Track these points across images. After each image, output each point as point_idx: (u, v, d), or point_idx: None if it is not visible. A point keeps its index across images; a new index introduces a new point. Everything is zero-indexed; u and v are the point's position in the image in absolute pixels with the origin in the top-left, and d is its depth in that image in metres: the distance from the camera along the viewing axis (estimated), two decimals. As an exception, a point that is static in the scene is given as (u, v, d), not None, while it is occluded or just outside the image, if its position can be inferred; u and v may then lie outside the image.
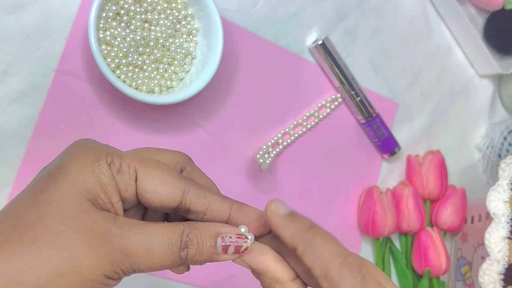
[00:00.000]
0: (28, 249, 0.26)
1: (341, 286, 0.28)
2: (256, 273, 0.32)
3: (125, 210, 0.31)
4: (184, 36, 0.54)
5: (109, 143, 0.54)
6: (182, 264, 0.30)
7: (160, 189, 0.30)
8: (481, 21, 0.70)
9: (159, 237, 0.29)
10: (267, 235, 0.33)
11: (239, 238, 0.31)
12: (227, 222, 0.32)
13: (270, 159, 0.58)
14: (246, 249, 0.31)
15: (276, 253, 0.32)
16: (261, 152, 0.58)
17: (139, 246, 0.28)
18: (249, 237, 0.32)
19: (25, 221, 0.27)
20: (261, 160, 0.57)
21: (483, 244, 0.55)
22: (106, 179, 0.29)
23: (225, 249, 0.30)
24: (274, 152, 0.58)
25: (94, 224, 0.28)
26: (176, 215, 0.33)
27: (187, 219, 0.32)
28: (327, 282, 0.29)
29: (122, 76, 0.51)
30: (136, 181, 0.30)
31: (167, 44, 0.53)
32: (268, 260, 0.31)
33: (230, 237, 0.30)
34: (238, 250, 0.31)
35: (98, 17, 0.48)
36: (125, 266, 0.28)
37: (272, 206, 0.31)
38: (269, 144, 0.58)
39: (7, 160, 0.50)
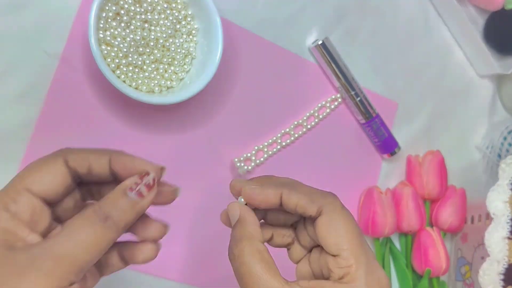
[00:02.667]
0: None
1: (327, 201, 0.35)
2: (235, 227, 0.36)
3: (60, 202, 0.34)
4: (184, 36, 0.54)
5: (109, 143, 0.54)
6: (124, 231, 0.32)
7: (51, 180, 0.33)
8: (481, 21, 0.70)
9: (79, 230, 0.30)
10: None
11: (142, 178, 0.33)
12: (111, 174, 0.34)
13: (250, 167, 0.58)
14: (154, 180, 0.33)
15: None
16: (241, 158, 0.58)
17: (69, 250, 0.30)
18: (241, 200, 0.37)
19: None
20: (240, 164, 0.57)
21: (483, 244, 0.55)
22: (5, 223, 0.30)
23: (140, 194, 0.32)
24: (258, 161, 0.59)
25: (10, 262, 0.29)
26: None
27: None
28: (314, 205, 0.35)
29: (122, 76, 0.51)
30: (33, 195, 0.32)
31: (167, 44, 0.53)
32: (249, 213, 0.36)
33: (135, 183, 0.32)
34: (150, 187, 0.33)
35: (98, 17, 0.48)
36: (69, 271, 0.30)
37: (228, 211, 0.37)
38: (253, 152, 0.58)
39: (7, 160, 0.50)
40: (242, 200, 0.37)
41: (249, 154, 0.59)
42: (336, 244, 0.34)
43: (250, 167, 0.59)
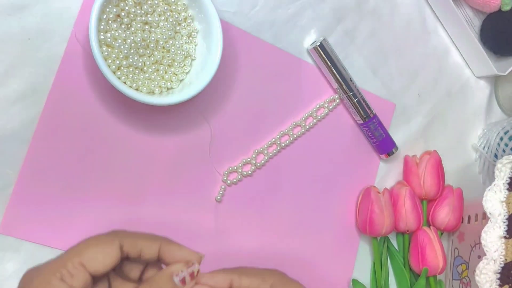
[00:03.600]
0: None
1: (276, 278, 0.39)
2: None
3: None
4: (184, 37, 0.54)
5: (109, 144, 0.55)
6: None
7: (105, 260, 0.36)
8: (477, 22, 0.71)
9: None
10: None
11: (188, 267, 0.37)
12: (158, 259, 0.39)
13: (250, 171, 0.59)
14: (198, 271, 0.38)
15: None
16: (240, 164, 0.58)
17: None
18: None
19: None
20: (225, 178, 0.58)
21: (479, 243, 0.56)
22: None
23: (183, 281, 0.37)
24: (258, 164, 0.59)
25: None
26: None
27: None
28: (266, 284, 0.39)
29: (123, 77, 0.51)
30: (87, 270, 0.36)
31: (167, 45, 0.53)
32: None
33: (182, 271, 0.37)
34: (193, 276, 0.38)
35: (99, 19, 0.48)
36: None
37: None
38: (240, 164, 0.58)
39: (8, 160, 0.50)
40: None
41: (248, 158, 0.59)
42: None
43: (250, 171, 0.59)
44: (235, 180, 0.58)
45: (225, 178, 0.58)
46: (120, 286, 0.38)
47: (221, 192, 0.57)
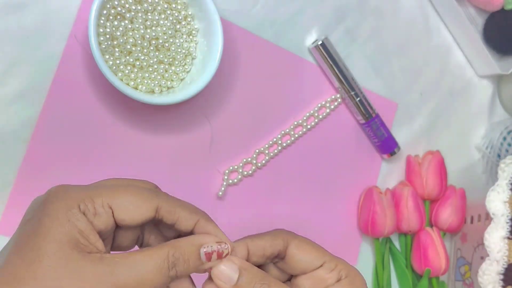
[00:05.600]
0: None
1: (284, 234, 0.38)
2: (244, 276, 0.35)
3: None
4: (184, 36, 0.54)
5: (109, 144, 0.55)
6: (172, 281, 0.33)
7: (136, 215, 0.34)
8: (480, 21, 0.70)
9: (147, 266, 0.32)
10: None
11: (219, 244, 0.35)
12: (192, 232, 0.36)
13: (250, 171, 0.59)
14: (227, 254, 0.35)
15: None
16: (241, 163, 0.58)
17: (129, 279, 0.31)
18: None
19: (22, 280, 0.29)
20: (225, 177, 0.58)
21: (482, 244, 0.56)
22: (82, 225, 0.31)
23: (209, 257, 0.34)
24: (259, 164, 0.59)
25: (84, 270, 0.30)
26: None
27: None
28: (280, 241, 0.37)
29: (121, 75, 0.51)
30: (113, 216, 0.33)
31: (167, 44, 0.53)
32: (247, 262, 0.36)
33: (211, 245, 0.34)
34: (220, 256, 0.35)
35: (99, 17, 0.48)
36: None
37: (219, 275, 0.35)
38: (240, 164, 0.58)
39: (7, 160, 0.50)
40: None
41: (249, 158, 0.59)
42: (317, 256, 0.37)
43: (251, 171, 0.59)
44: (235, 180, 0.58)
45: (226, 177, 0.57)
46: (153, 243, 0.36)
47: (221, 193, 0.57)
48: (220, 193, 0.57)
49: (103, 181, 0.36)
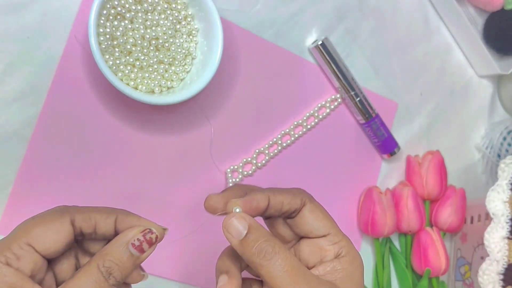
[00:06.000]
0: None
1: (303, 194, 0.39)
2: (250, 236, 0.35)
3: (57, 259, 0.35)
4: (184, 36, 0.54)
5: (109, 143, 0.55)
6: (117, 287, 0.34)
7: (55, 237, 0.33)
8: (480, 21, 0.70)
9: (84, 287, 0.32)
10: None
11: (145, 233, 0.35)
12: (115, 233, 0.36)
13: (250, 171, 0.59)
14: (157, 238, 0.35)
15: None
16: (240, 164, 0.58)
17: None
18: (238, 210, 0.36)
19: None
20: (229, 175, 0.58)
21: (482, 244, 0.56)
22: (11, 278, 0.31)
23: (140, 249, 0.34)
24: (259, 164, 0.59)
25: None
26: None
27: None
28: (297, 199, 0.38)
29: (121, 75, 0.51)
30: (36, 251, 0.33)
31: (167, 44, 0.53)
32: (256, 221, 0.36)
33: (138, 238, 0.34)
34: (151, 243, 0.35)
35: (98, 17, 0.48)
36: None
37: (229, 228, 0.35)
38: (240, 164, 0.58)
39: (7, 159, 0.50)
40: (238, 210, 0.36)
41: (249, 158, 0.59)
42: (324, 226, 0.38)
43: (251, 171, 0.59)
44: (236, 180, 0.58)
45: (229, 175, 0.57)
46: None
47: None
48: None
49: (16, 228, 0.35)
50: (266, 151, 0.60)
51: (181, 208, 0.56)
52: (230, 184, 0.58)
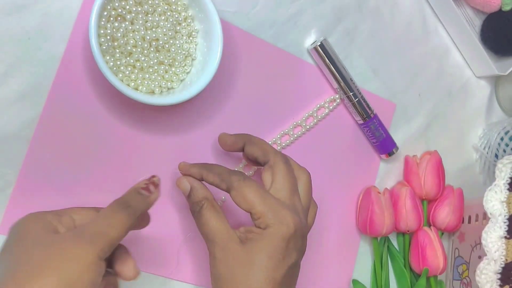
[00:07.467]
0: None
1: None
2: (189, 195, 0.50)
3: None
4: (184, 37, 0.54)
5: (109, 144, 0.55)
6: (136, 220, 0.41)
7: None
8: (478, 22, 0.71)
9: (111, 218, 0.40)
10: None
11: (149, 179, 0.44)
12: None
13: (251, 171, 0.59)
14: (159, 180, 0.44)
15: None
16: (240, 165, 0.58)
17: (106, 229, 0.39)
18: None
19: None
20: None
21: (480, 243, 0.56)
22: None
23: (147, 189, 0.43)
24: (245, 173, 0.59)
25: (60, 238, 0.39)
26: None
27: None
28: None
29: (122, 76, 0.51)
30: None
31: (167, 45, 0.53)
32: (197, 181, 0.51)
33: (145, 183, 0.43)
34: (156, 185, 0.44)
35: (99, 19, 0.48)
36: (105, 244, 0.38)
37: (180, 185, 0.51)
38: (240, 166, 0.58)
39: (8, 160, 0.50)
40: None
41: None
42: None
43: (251, 172, 0.59)
44: (235, 180, 0.58)
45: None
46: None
47: (224, 197, 0.57)
48: (223, 197, 0.57)
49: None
50: (266, 152, 0.60)
51: (181, 208, 0.56)
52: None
